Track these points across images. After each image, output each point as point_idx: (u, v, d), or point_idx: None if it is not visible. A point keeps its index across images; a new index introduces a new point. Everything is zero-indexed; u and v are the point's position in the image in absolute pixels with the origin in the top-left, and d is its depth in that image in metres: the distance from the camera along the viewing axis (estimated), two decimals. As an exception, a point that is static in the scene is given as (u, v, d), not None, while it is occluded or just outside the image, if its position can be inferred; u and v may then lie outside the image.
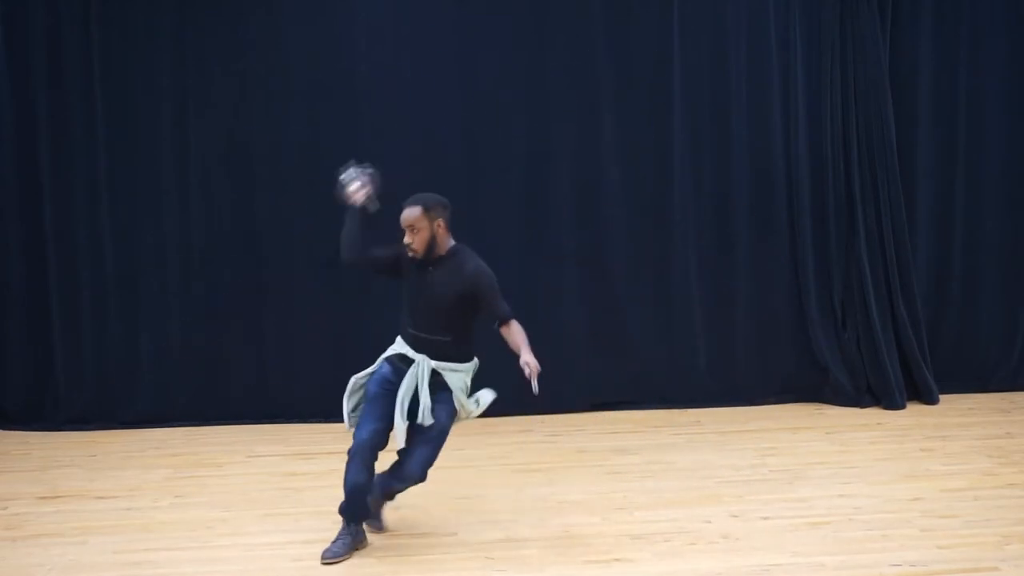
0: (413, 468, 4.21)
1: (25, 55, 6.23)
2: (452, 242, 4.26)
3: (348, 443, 5.91)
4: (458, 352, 4.22)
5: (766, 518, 4.53)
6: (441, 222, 4.19)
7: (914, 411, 6.45)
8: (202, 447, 5.90)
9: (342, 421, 6.31)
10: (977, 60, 6.71)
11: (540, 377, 4.33)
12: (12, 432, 6.25)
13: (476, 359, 4.31)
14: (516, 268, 6.25)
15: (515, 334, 4.14)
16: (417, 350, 4.21)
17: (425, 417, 4.13)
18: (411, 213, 4.17)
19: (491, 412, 6.24)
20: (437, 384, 4.18)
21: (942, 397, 6.62)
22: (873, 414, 6.41)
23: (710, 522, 4.49)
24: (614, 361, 6.60)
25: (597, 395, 6.59)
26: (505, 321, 4.16)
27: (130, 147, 6.31)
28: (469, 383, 4.29)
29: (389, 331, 5.90)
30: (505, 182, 6.47)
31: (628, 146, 6.53)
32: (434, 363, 4.17)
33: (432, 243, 4.18)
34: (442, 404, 4.18)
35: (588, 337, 6.54)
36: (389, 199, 6.82)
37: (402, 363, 4.24)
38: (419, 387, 4.15)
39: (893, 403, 6.49)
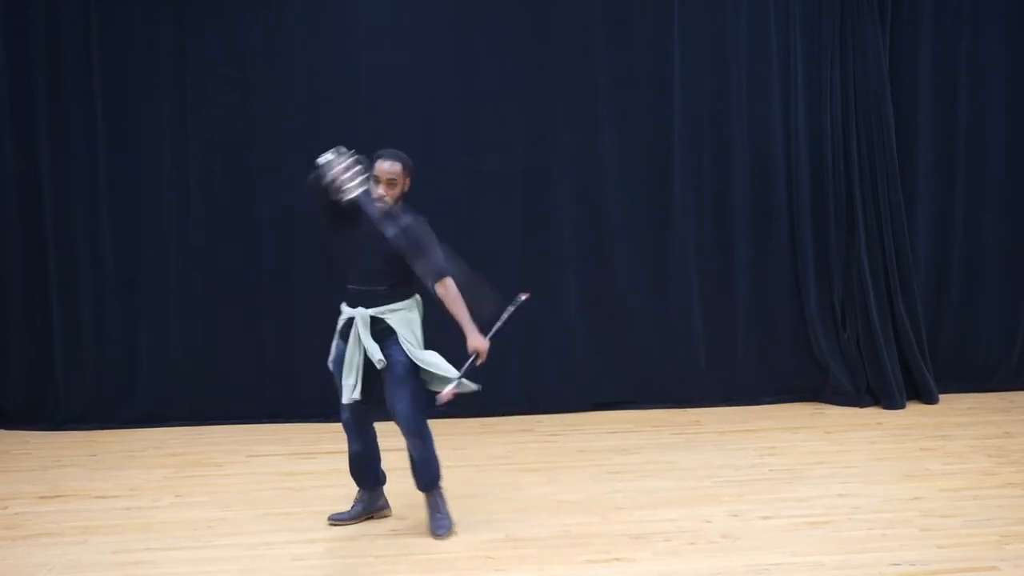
0: (398, 412, 4.25)
1: (25, 54, 6.23)
2: None
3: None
4: (394, 294, 4.25)
5: (766, 518, 4.53)
6: (408, 181, 4.31)
7: (914, 411, 6.45)
8: (202, 447, 5.91)
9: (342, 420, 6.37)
10: (977, 60, 6.71)
11: (541, 377, 4.36)
12: (12, 432, 6.26)
13: (418, 296, 4.32)
14: (516, 267, 6.29)
15: (452, 300, 4.13)
16: (354, 305, 4.28)
17: (375, 357, 4.17)
18: (393, 167, 4.24)
19: (491, 412, 6.32)
20: (383, 332, 4.23)
21: (942, 397, 6.62)
22: (873, 414, 6.41)
23: (710, 522, 4.49)
24: (614, 361, 6.60)
25: (597, 395, 6.58)
26: (439, 278, 4.12)
27: (130, 147, 6.31)
28: (417, 318, 4.30)
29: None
30: (505, 182, 6.46)
31: (628, 146, 6.52)
32: (371, 311, 4.22)
33: (400, 199, 4.28)
34: (395, 345, 4.22)
35: (588, 337, 6.54)
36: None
37: (348, 328, 4.31)
38: (360, 337, 4.20)
39: (893, 403, 6.49)
